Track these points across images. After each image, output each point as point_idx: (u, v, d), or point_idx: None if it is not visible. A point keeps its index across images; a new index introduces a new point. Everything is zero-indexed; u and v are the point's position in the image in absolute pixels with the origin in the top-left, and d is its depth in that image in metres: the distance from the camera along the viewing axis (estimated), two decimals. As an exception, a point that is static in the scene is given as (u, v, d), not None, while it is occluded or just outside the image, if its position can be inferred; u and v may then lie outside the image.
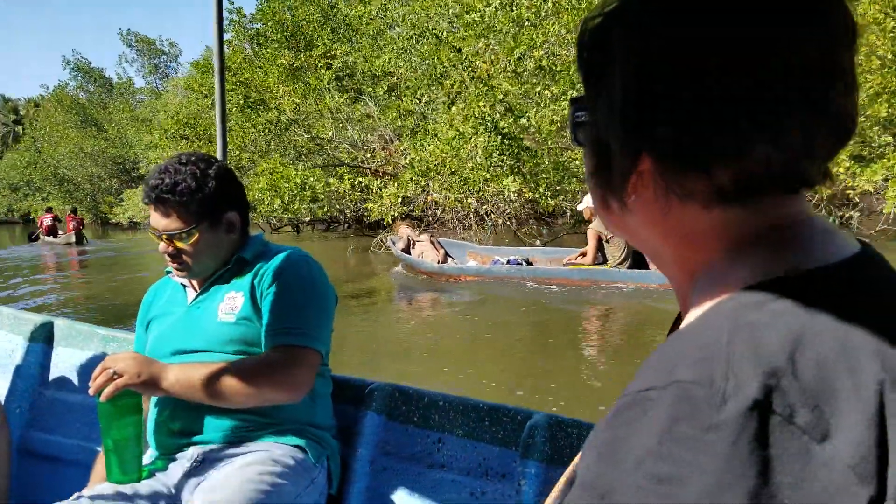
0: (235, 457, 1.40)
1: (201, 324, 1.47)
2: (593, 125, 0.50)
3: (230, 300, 1.48)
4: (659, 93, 0.44)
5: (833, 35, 0.43)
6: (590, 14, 0.50)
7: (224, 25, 2.18)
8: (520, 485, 1.42)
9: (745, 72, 0.42)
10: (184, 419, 1.43)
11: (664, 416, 0.37)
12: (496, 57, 10.85)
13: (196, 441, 1.43)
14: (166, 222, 1.43)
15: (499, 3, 10.91)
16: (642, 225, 0.50)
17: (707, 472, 0.35)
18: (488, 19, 11.18)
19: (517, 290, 7.21)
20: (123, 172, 35.09)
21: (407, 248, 9.06)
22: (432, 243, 8.96)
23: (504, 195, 10.72)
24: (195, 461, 1.41)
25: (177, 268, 1.49)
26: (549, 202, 10.79)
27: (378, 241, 11.27)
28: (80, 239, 17.71)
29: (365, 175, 13.93)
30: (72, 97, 39.41)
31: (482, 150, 10.13)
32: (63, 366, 1.99)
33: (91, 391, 1.28)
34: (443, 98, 11.96)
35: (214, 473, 1.38)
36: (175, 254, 1.46)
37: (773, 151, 0.43)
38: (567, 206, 11.34)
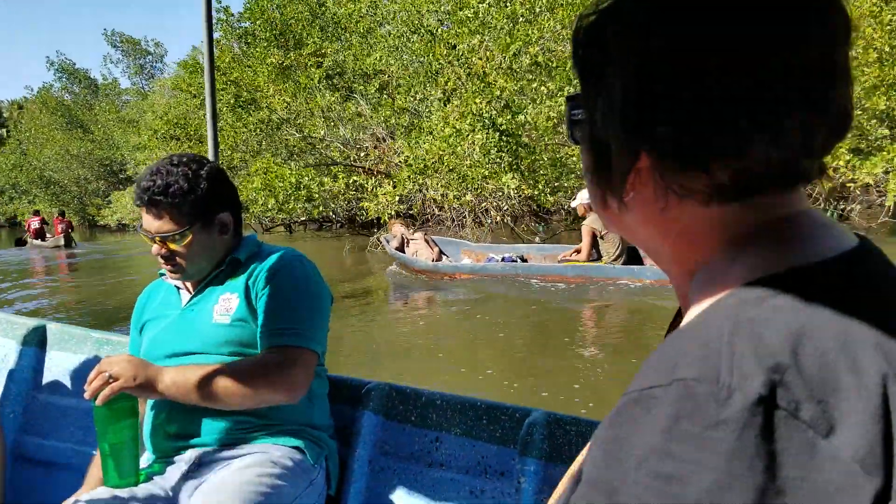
0: (233, 459, 1.40)
1: (196, 326, 1.47)
2: (591, 123, 0.49)
3: (225, 302, 1.47)
4: (659, 92, 0.44)
5: (832, 34, 0.43)
6: (585, 11, 0.49)
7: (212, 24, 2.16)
8: (519, 482, 1.42)
9: (746, 72, 0.41)
10: (180, 422, 1.42)
11: (667, 414, 0.37)
12: (491, 54, 10.82)
13: (193, 444, 1.42)
14: (159, 224, 1.42)
15: (492, 0, 10.90)
16: (641, 223, 0.50)
17: (711, 470, 0.35)
18: (482, 15, 11.15)
19: (512, 288, 7.21)
20: (111, 174, 34.89)
21: (401, 247, 9.05)
22: (426, 241, 8.96)
23: (504, 192, 10.71)
24: (192, 464, 1.40)
25: (170, 270, 1.48)
26: (548, 198, 10.79)
27: (374, 241, 11.24)
28: (69, 242, 17.61)
29: (358, 174, 13.90)
30: (56, 99, 39.14)
31: (480, 147, 10.10)
32: (56, 370, 1.98)
33: (87, 395, 1.27)
34: (438, 95, 11.91)
35: (212, 476, 1.37)
36: (168, 256, 1.45)
37: (773, 151, 0.43)
38: (565, 203, 11.35)
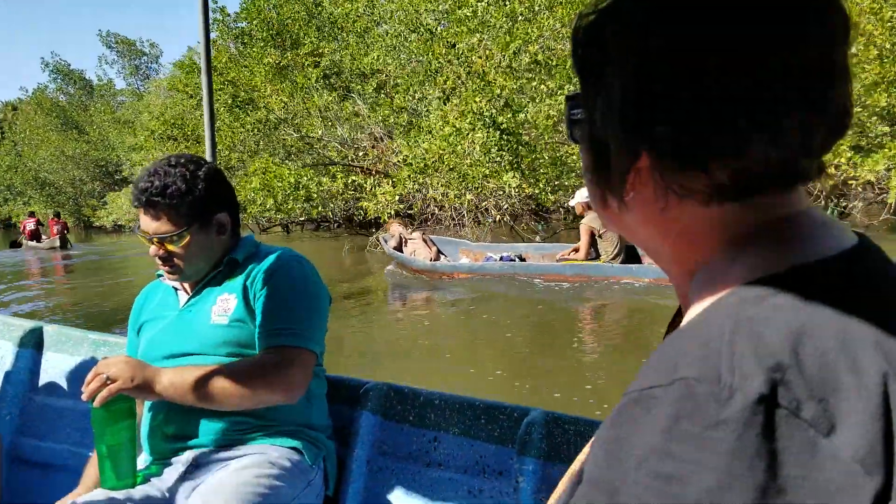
0: (231, 460, 1.39)
1: (194, 327, 1.46)
2: (590, 123, 0.49)
3: (223, 302, 1.46)
4: (658, 92, 0.43)
5: (831, 34, 0.43)
6: (584, 10, 0.49)
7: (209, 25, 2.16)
8: (517, 482, 1.42)
9: (744, 71, 0.41)
10: (178, 423, 1.42)
11: (668, 414, 0.37)
12: (490, 52, 10.79)
13: (191, 445, 1.42)
14: (157, 225, 1.42)
15: (491, -1, 10.87)
16: (641, 222, 0.50)
17: (712, 470, 0.35)
18: (481, 14, 11.11)
19: (510, 287, 7.22)
20: (106, 175, 34.89)
21: (399, 246, 9.05)
22: (424, 241, 8.95)
23: (505, 191, 10.67)
24: (190, 465, 1.40)
25: (168, 271, 1.47)
26: (549, 197, 10.76)
27: (374, 241, 11.23)
28: (65, 243, 17.58)
29: (356, 173, 13.87)
30: (51, 100, 39.10)
31: (480, 146, 10.07)
32: (53, 371, 1.97)
33: (84, 397, 1.27)
34: (437, 94, 11.87)
35: (210, 477, 1.37)
36: (166, 257, 1.44)
37: (773, 150, 0.43)
38: (565, 202, 11.34)
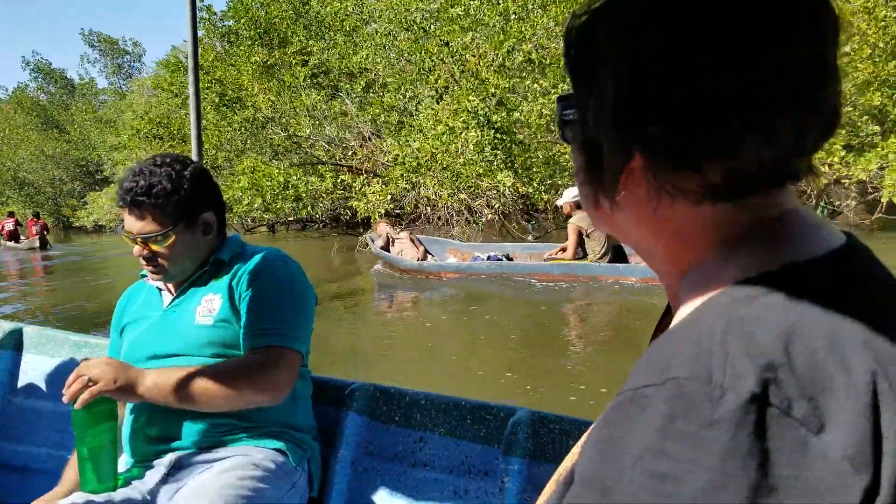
0: (214, 462, 1.38)
1: (178, 327, 1.45)
2: (583, 123, 0.49)
3: (207, 303, 1.45)
4: (651, 92, 0.43)
5: (824, 34, 0.43)
6: (576, 11, 0.49)
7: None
8: (503, 482, 1.42)
9: (737, 72, 0.42)
10: (160, 424, 1.40)
11: (661, 413, 0.37)
12: (482, 51, 10.75)
13: (173, 447, 1.40)
14: (141, 225, 1.41)
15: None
16: (634, 223, 0.50)
17: (706, 469, 0.35)
18: (473, 13, 11.07)
19: (498, 286, 7.22)
20: (87, 175, 34.56)
21: (386, 246, 9.03)
22: (412, 240, 8.94)
23: (498, 190, 10.63)
24: (172, 467, 1.38)
25: (152, 271, 1.46)
26: (543, 197, 10.73)
27: (363, 241, 11.20)
28: (44, 244, 17.43)
29: (344, 173, 13.81)
30: (32, 99, 38.64)
31: (473, 145, 10.02)
32: (33, 373, 1.94)
33: (65, 399, 1.25)
34: (430, 93, 11.81)
35: (193, 479, 1.36)
36: (150, 257, 1.43)
37: (765, 151, 0.43)
38: (556, 201, 11.32)
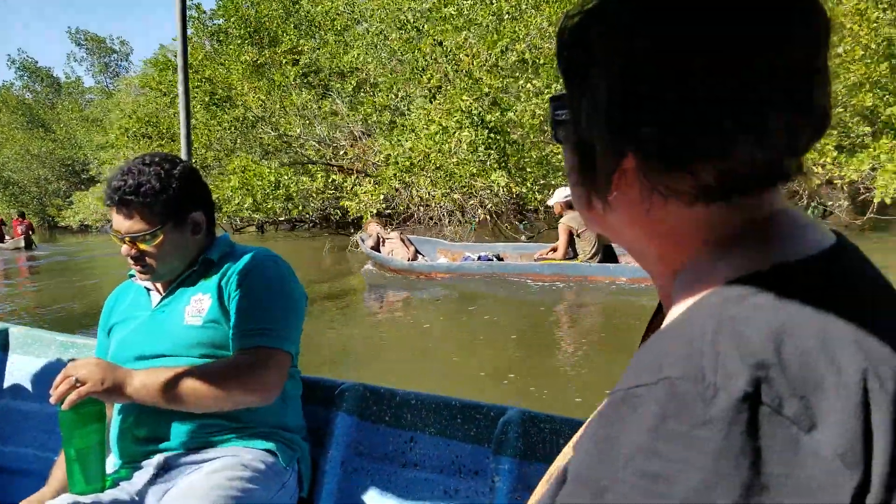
0: (203, 463, 1.37)
1: (167, 327, 1.44)
2: (575, 124, 0.49)
3: (197, 303, 1.44)
4: (644, 94, 0.44)
5: (816, 35, 0.44)
6: (569, 12, 0.49)
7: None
8: (493, 481, 1.42)
9: (730, 72, 0.42)
10: (148, 425, 1.39)
11: (654, 413, 0.38)
12: (476, 51, 10.71)
13: (162, 448, 1.39)
14: (129, 224, 1.40)
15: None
16: (626, 223, 0.50)
17: (698, 469, 0.36)
18: (467, 12, 11.01)
19: (488, 286, 7.23)
20: (72, 174, 34.33)
21: (377, 246, 9.01)
22: (402, 240, 8.93)
23: (492, 190, 10.58)
24: (161, 468, 1.37)
25: (140, 271, 1.45)
26: (536, 197, 10.70)
27: (355, 241, 11.16)
28: (29, 244, 17.31)
29: (334, 172, 13.76)
30: (17, 98, 38.30)
31: (467, 145, 9.96)
32: (19, 374, 1.93)
33: (52, 399, 1.24)
34: (423, 92, 11.74)
35: (182, 480, 1.35)
36: (138, 256, 1.42)
37: (758, 151, 0.43)
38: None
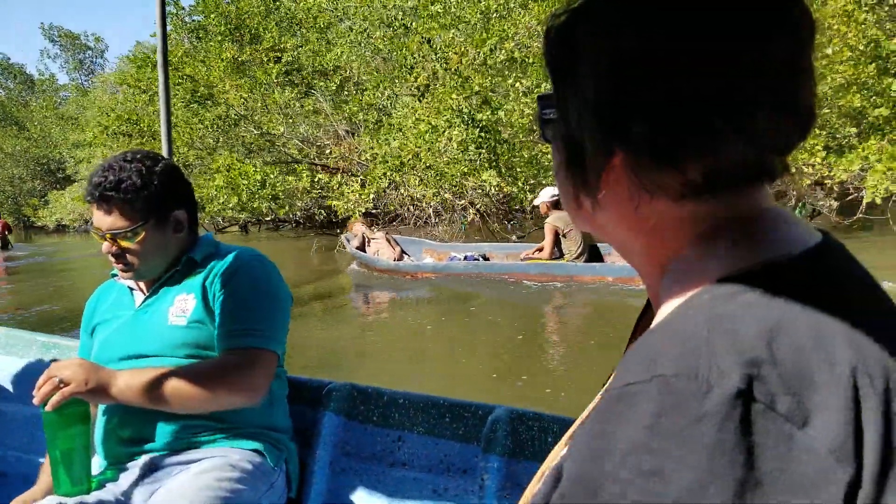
0: (190, 463, 1.36)
1: (151, 328, 1.42)
2: (563, 122, 0.50)
3: (181, 302, 1.43)
4: (632, 92, 0.44)
5: (800, 35, 0.44)
6: (556, 11, 0.50)
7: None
8: (482, 480, 1.42)
9: (717, 71, 0.42)
10: (134, 426, 1.38)
11: (649, 410, 0.38)
12: (464, 49, 10.67)
13: (147, 449, 1.38)
14: (110, 221, 1.38)
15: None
16: (614, 221, 0.50)
17: (693, 465, 0.36)
18: (453, 10, 10.96)
19: (474, 286, 7.24)
20: (48, 173, 33.89)
21: (362, 246, 8.99)
22: (388, 240, 8.91)
23: (483, 189, 10.54)
24: (147, 469, 1.36)
25: (121, 269, 1.43)
26: (527, 196, 10.68)
27: (343, 241, 11.10)
28: (6, 244, 17.12)
29: (318, 171, 13.68)
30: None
31: (458, 144, 9.91)
32: (0, 375, 1.89)
33: (36, 401, 1.22)
34: (410, 91, 11.67)
35: (169, 481, 1.34)
36: (119, 254, 1.40)
37: (746, 149, 0.44)
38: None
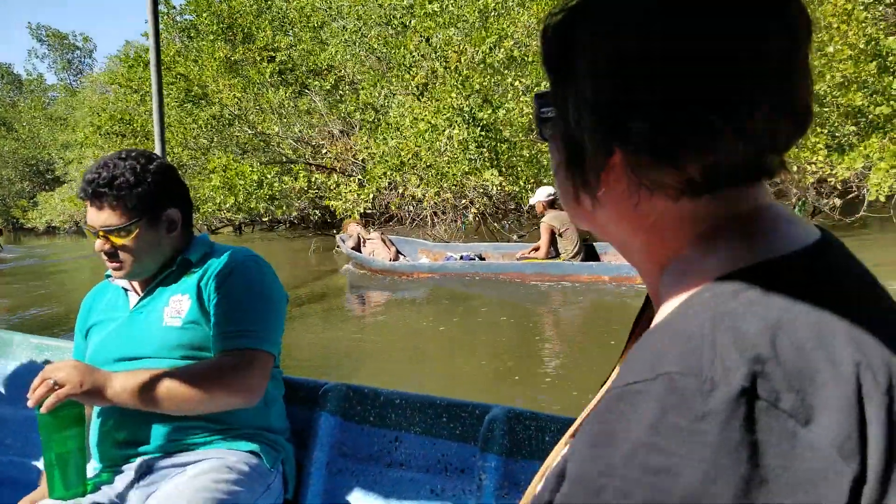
0: (187, 465, 1.36)
1: (146, 329, 1.42)
2: (562, 121, 0.50)
3: (176, 303, 1.42)
4: (631, 90, 0.44)
5: (797, 34, 0.45)
6: (553, 10, 0.50)
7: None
8: (480, 479, 1.42)
9: (716, 71, 0.42)
10: (129, 428, 1.37)
11: (654, 408, 0.38)
12: (463, 48, 10.64)
13: (143, 451, 1.37)
14: (104, 217, 1.37)
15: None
16: (613, 219, 0.50)
17: (699, 462, 0.36)
18: (451, 9, 10.94)
19: (471, 286, 7.24)
20: (37, 174, 33.77)
21: (357, 247, 8.98)
22: (383, 241, 8.90)
23: (484, 189, 10.51)
24: (143, 472, 1.35)
25: (114, 267, 1.42)
26: (529, 195, 10.67)
27: (338, 241, 11.06)
28: (-4, 246, 16.92)
29: (312, 171, 13.64)
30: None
31: (458, 143, 9.89)
32: None
33: (30, 403, 1.21)
34: (410, 89, 11.61)
35: (165, 483, 1.33)
36: (112, 252, 1.39)
37: (744, 147, 0.44)
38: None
